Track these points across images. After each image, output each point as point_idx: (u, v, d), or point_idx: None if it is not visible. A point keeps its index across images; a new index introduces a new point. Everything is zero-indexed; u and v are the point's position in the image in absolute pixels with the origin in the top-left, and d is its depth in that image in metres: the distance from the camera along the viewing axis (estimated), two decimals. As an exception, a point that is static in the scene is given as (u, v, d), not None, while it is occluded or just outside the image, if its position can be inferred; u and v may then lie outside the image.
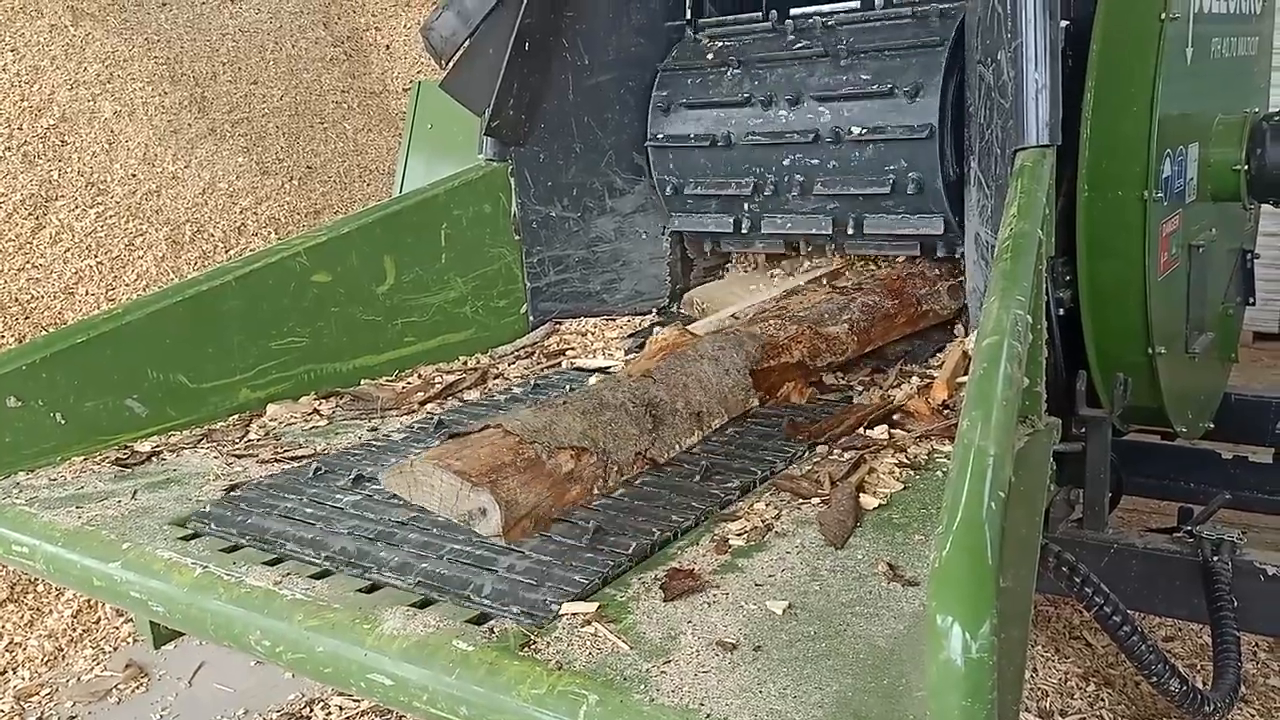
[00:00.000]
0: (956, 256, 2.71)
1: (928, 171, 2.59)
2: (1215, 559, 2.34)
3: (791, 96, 2.75)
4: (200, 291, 2.33)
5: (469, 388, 2.59)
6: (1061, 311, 2.41)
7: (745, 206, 2.90)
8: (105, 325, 2.19)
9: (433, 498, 1.59)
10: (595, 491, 1.70)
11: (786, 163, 2.79)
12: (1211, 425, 3.01)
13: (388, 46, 7.26)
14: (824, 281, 2.87)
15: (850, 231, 2.76)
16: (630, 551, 1.51)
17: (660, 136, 2.97)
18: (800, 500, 1.68)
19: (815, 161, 2.74)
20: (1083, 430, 2.41)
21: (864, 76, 2.67)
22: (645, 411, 1.85)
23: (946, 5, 2.68)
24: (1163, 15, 2.35)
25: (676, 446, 1.89)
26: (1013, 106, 1.99)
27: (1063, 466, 2.36)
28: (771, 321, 2.32)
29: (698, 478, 1.79)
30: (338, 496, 1.83)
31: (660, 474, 1.84)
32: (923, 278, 2.71)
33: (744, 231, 2.93)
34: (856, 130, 2.65)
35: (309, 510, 1.77)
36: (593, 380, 2.39)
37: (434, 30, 2.87)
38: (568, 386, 2.50)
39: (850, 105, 2.67)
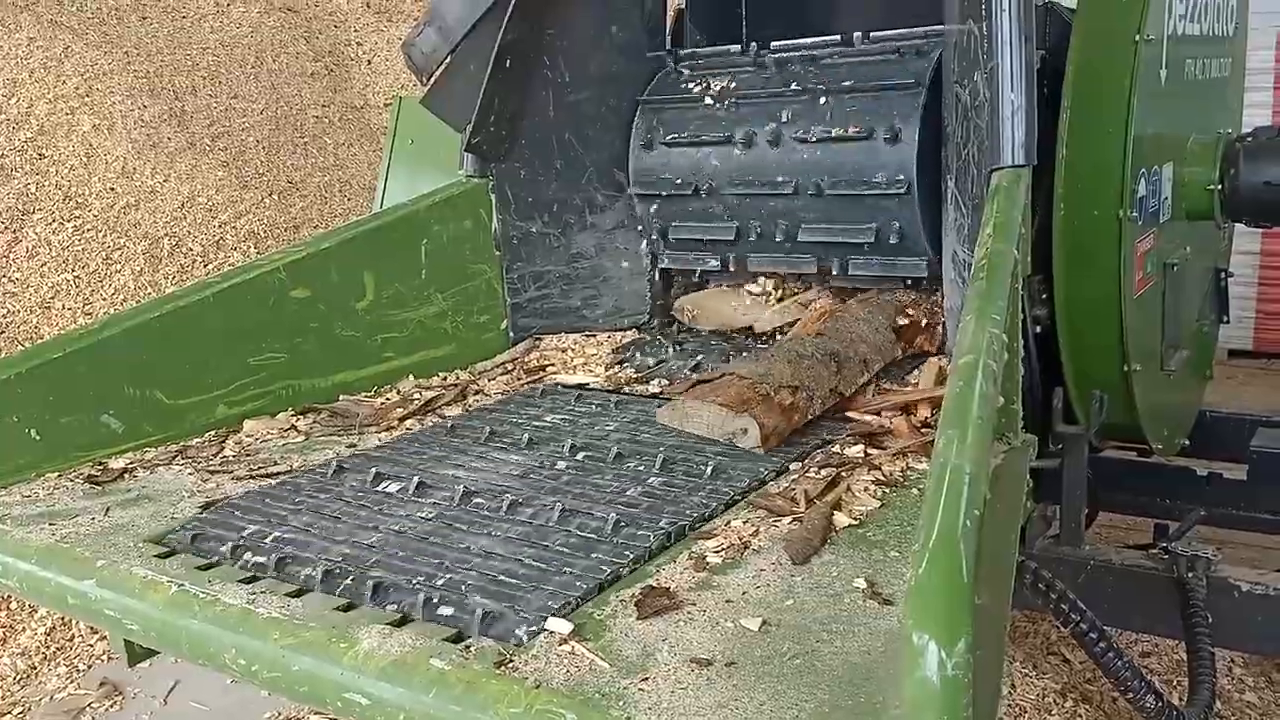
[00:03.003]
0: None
1: (908, 222, 2.63)
2: (1190, 575, 2.36)
3: (771, 137, 2.77)
4: (178, 307, 2.32)
5: (449, 403, 2.58)
6: (1039, 329, 2.44)
7: (731, 248, 2.93)
8: (82, 341, 2.17)
9: (701, 425, 2.16)
10: (809, 416, 2.20)
11: (770, 210, 2.81)
12: (1187, 442, 3.03)
13: (369, 61, 7.27)
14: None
15: (835, 271, 2.80)
16: (606, 573, 1.51)
17: (645, 180, 2.99)
18: (777, 518, 1.69)
19: (798, 210, 2.77)
20: (1059, 447, 2.42)
21: (843, 117, 2.68)
22: (830, 359, 2.35)
23: (923, 41, 2.71)
24: (1137, 37, 2.39)
25: (854, 384, 2.37)
26: (989, 127, 2.02)
27: (1040, 483, 2.37)
28: (886, 295, 2.74)
29: (708, 473, 1.94)
30: (320, 514, 1.82)
31: (670, 474, 1.97)
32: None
33: (731, 270, 2.98)
34: (836, 185, 2.67)
35: (289, 529, 1.76)
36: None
37: (415, 47, 2.88)
38: (549, 402, 2.51)
39: (830, 148, 2.69)
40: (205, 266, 5.17)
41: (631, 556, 1.57)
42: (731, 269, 2.98)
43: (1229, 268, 3.27)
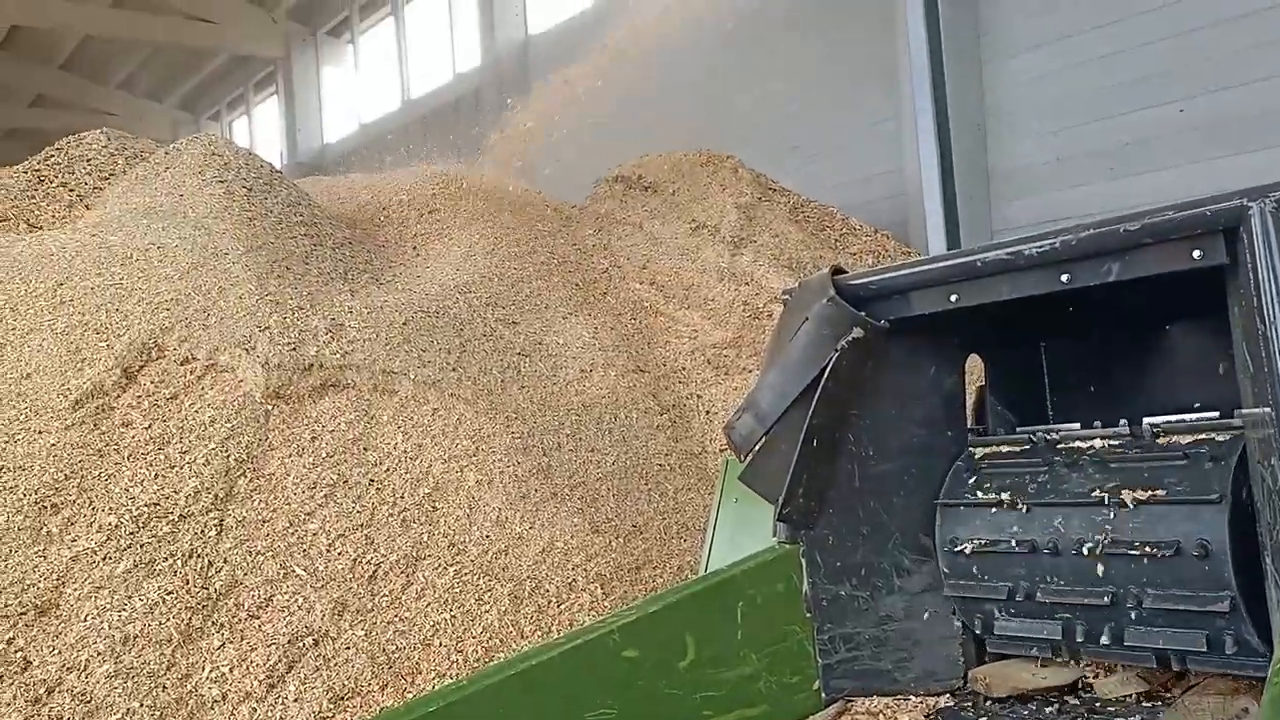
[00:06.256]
0: None
1: (1240, 631, 2.52)
2: None
3: (1076, 549, 2.77)
4: (530, 666, 2.72)
5: (760, 766, 2.72)
6: None
7: (1059, 645, 2.89)
8: (453, 695, 2.60)
9: (1205, 715, 2.60)
10: None
11: (1092, 615, 2.77)
12: None
13: (707, 412, 8.00)
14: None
15: (1175, 666, 2.69)
16: None
17: (957, 585, 3.08)
18: None
19: (1121, 618, 2.71)
20: None
21: (1147, 530, 2.64)
22: None
23: (1222, 436, 2.68)
24: None
25: None
26: None
27: None
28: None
29: None
30: None
31: None
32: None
33: (1064, 657, 2.92)
34: (1156, 599, 2.62)
35: None
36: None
37: (735, 429, 3.31)
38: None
39: (1141, 562, 2.65)
40: (559, 607, 5.72)
41: None
42: (1064, 656, 2.93)
43: None
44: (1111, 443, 2.90)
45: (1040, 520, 2.88)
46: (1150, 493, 2.66)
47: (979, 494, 3.07)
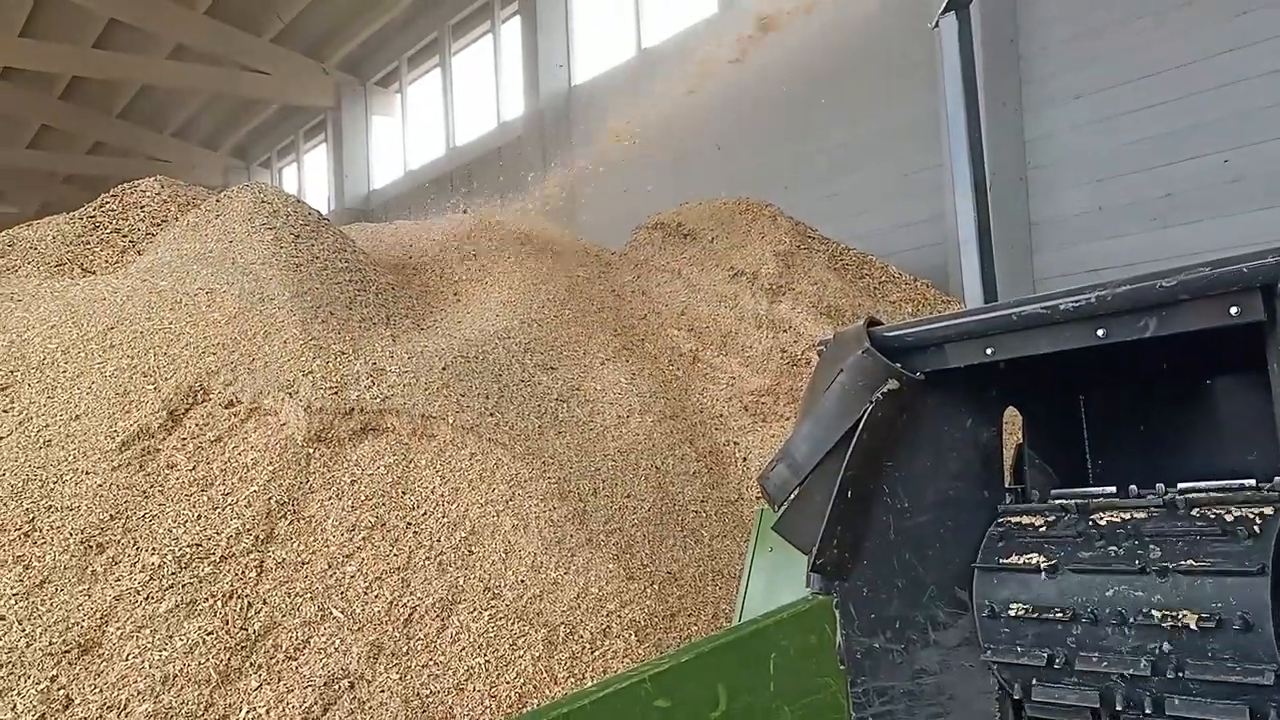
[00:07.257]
0: None
1: None
2: None
3: (1116, 619, 2.66)
4: (562, 714, 2.72)
5: (792, 821, 2.69)
6: None
7: (1099, 714, 2.79)
8: (484, 742, 2.61)
9: None
10: None
11: (1131, 685, 2.67)
12: None
13: (744, 459, 7.99)
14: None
15: None
16: None
17: (995, 642, 2.97)
18: None
19: (1161, 689, 2.62)
20: None
21: (1186, 600, 2.55)
22: None
23: (1265, 509, 2.61)
24: None
25: None
26: None
27: None
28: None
29: None
30: None
31: None
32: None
33: None
34: (1196, 670, 2.52)
35: None
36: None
37: (769, 480, 3.30)
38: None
39: (1181, 633, 2.56)
40: (593, 653, 5.70)
41: None
42: None
43: None
44: (1143, 513, 2.82)
45: (1077, 587, 2.80)
46: (1189, 563, 2.59)
47: (1014, 558, 3.00)
